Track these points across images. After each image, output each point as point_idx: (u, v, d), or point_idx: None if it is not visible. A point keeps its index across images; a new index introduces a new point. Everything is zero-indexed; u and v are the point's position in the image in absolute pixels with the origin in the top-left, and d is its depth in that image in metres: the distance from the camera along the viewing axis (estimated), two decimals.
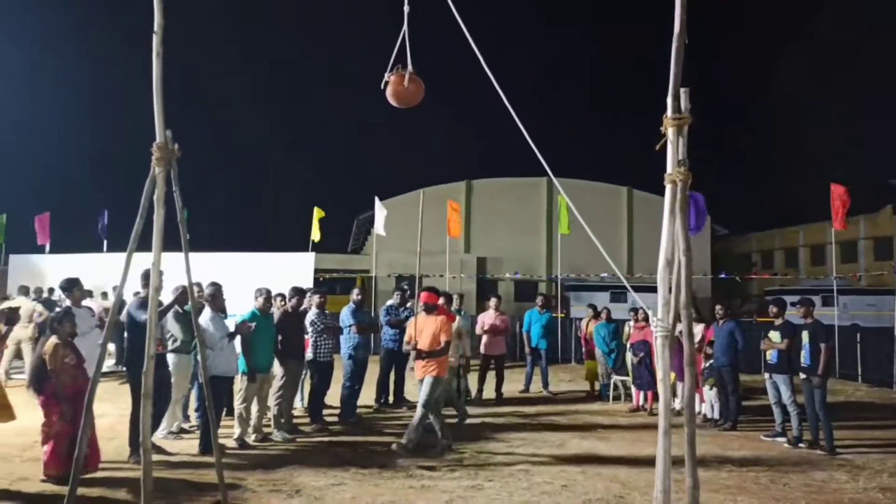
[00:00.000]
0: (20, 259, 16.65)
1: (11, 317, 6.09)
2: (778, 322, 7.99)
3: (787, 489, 5.83)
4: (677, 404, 9.34)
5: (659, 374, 3.62)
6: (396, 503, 5.18)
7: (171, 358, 6.88)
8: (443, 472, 6.04)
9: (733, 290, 32.06)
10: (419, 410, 6.62)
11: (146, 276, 6.43)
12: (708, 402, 9.01)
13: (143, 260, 4.69)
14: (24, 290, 11.87)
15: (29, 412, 6.24)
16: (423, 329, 6.82)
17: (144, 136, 4.51)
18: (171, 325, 6.91)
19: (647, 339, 9.27)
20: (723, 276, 26.37)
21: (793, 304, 8.70)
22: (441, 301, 7.72)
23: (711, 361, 8.80)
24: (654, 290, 3.95)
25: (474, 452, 6.86)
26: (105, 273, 13.67)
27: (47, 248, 17.42)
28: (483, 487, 5.61)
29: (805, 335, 7.60)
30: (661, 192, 3.83)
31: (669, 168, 3.79)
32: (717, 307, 8.84)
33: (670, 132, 3.77)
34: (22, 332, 10.78)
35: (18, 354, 10.99)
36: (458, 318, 8.82)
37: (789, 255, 43.00)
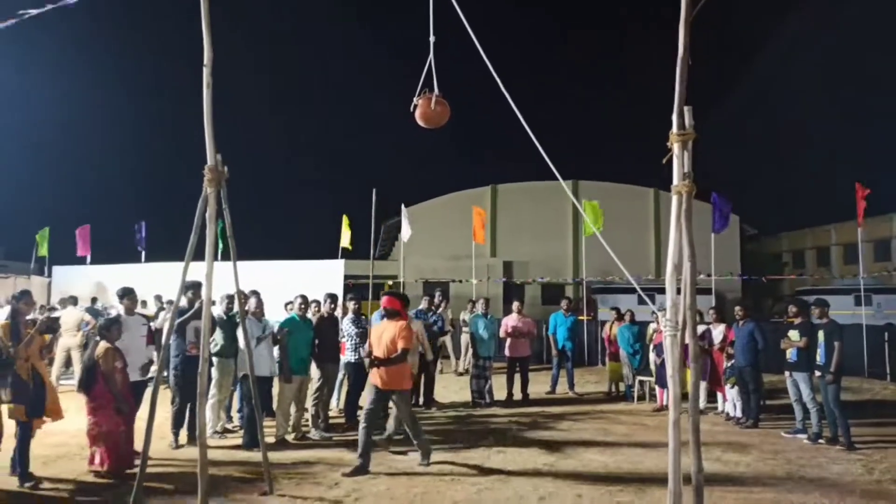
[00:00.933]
0: (63, 270, 17.44)
1: (52, 325, 6.56)
2: (797, 321, 8.22)
3: (803, 482, 6.07)
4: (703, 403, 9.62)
5: (669, 371, 3.93)
6: (428, 494, 5.55)
7: (213, 361, 7.36)
8: (472, 467, 6.40)
9: (765, 291, 31.84)
10: (409, 428, 6.46)
11: (188, 287, 6.97)
12: (730, 400, 9.22)
13: (178, 270, 5.09)
14: (72, 300, 12.48)
15: (81, 415, 6.76)
16: (381, 335, 6.43)
17: (182, 152, 4.99)
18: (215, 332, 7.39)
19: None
20: (744, 276, 26.19)
21: (811, 305, 8.88)
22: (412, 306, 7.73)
23: (733, 361, 9.02)
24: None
25: (501, 449, 7.21)
26: (143, 282, 14.31)
27: (88, 259, 18.20)
28: (509, 480, 5.96)
29: (821, 334, 7.80)
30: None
31: (676, 181, 4.12)
32: (737, 308, 9.06)
33: (676, 147, 4.09)
34: (71, 339, 11.42)
35: (68, 362, 11.63)
36: (415, 323, 8.63)
37: (821, 254, 42.45)
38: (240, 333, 7.00)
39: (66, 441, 7.19)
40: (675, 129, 4.05)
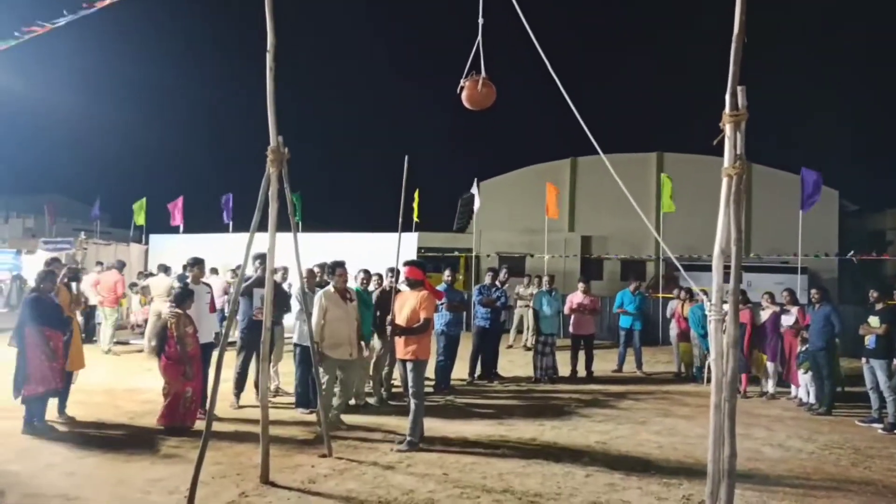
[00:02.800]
0: (159, 239, 18.65)
1: (76, 276, 7.41)
2: (879, 307, 7.82)
3: (868, 472, 5.86)
4: (770, 387, 9.33)
5: (712, 354, 3.90)
6: (478, 465, 5.73)
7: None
8: (521, 443, 6.54)
9: (864, 272, 29.97)
10: (412, 403, 6.25)
11: (257, 258, 7.41)
12: (803, 386, 8.90)
13: (263, 240, 5.40)
14: (163, 268, 13.37)
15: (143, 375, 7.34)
16: (403, 304, 6.39)
17: (264, 127, 5.25)
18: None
19: (744, 322, 9.23)
20: (827, 255, 24.41)
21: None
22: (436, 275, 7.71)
23: (808, 346, 8.68)
24: (772, 270, 4.08)
25: (556, 424, 7.30)
26: (231, 251, 15.13)
27: (181, 228, 19.36)
28: (560, 456, 6.05)
29: None
30: (785, 167, 4.02)
31: (726, 163, 4.02)
32: (813, 291, 8.69)
33: (728, 128, 3.99)
34: (162, 305, 12.27)
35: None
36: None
37: None
38: (294, 303, 7.39)
39: (153, 399, 7.84)
40: (727, 109, 3.95)
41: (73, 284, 7.37)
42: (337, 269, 7.19)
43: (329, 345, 6.89)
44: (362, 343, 7.51)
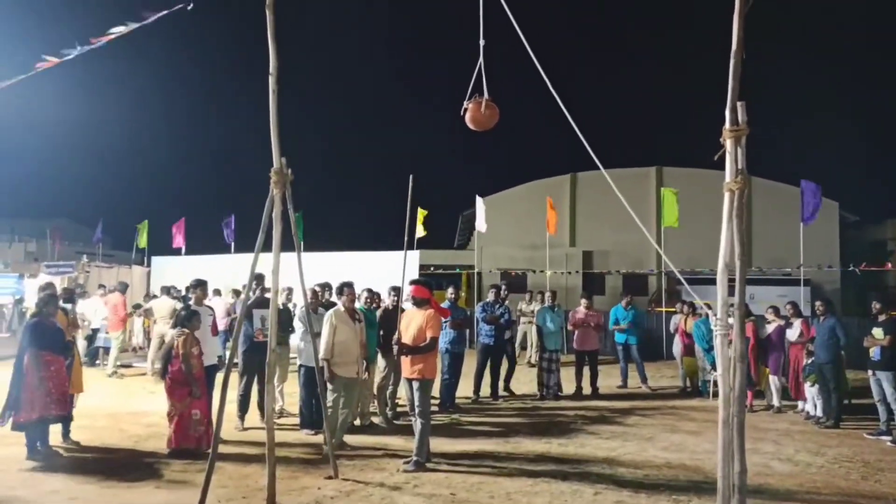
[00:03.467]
0: (161, 261, 18.67)
1: (70, 297, 7.45)
2: (882, 318, 7.82)
3: (878, 485, 5.82)
4: (776, 400, 9.30)
5: (718, 369, 3.89)
6: (485, 484, 5.69)
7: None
8: (528, 461, 6.50)
9: (867, 283, 29.89)
10: (418, 423, 6.19)
11: (254, 279, 7.42)
12: (810, 399, 8.86)
13: (266, 260, 5.40)
14: (166, 290, 13.36)
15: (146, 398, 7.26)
16: (409, 323, 6.34)
17: (267, 149, 5.28)
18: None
19: (749, 336, 9.20)
20: (831, 266, 24.36)
21: None
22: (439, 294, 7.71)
23: (813, 358, 8.65)
24: (774, 282, 4.07)
25: (563, 442, 7.26)
26: (233, 273, 15.13)
27: (183, 250, 19.38)
28: (567, 475, 6.00)
29: None
30: (785, 179, 4.04)
31: (728, 177, 4.04)
32: (818, 303, 8.68)
33: (728, 143, 4.01)
34: (164, 327, 12.21)
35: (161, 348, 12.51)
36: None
37: None
38: (298, 324, 7.41)
39: (157, 422, 7.81)
40: (727, 124, 3.98)
41: (69, 307, 7.36)
42: (345, 289, 7.25)
43: (338, 363, 6.91)
44: (366, 362, 7.50)
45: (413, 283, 6.52)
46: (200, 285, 7.62)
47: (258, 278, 7.42)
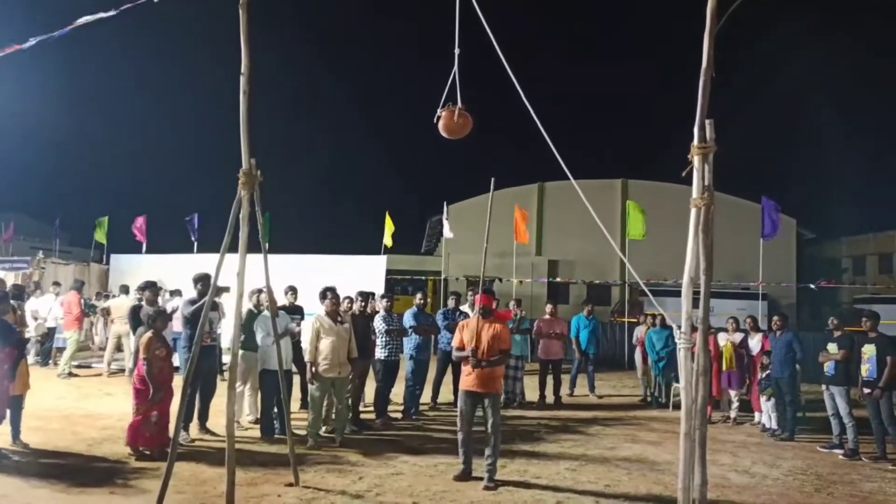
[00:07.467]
0: (120, 259, 18.17)
1: (18, 294, 7.26)
2: (837, 334, 8.04)
3: (830, 497, 5.97)
4: (733, 412, 9.48)
5: (681, 382, 3.95)
6: (448, 493, 5.68)
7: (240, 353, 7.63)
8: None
9: (821, 298, 30.74)
10: (494, 437, 6.05)
11: (199, 280, 7.28)
12: (765, 412, 9.05)
13: (233, 261, 5.29)
14: (124, 289, 13.04)
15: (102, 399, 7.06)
16: (479, 334, 6.10)
17: (234, 147, 5.19)
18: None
19: (710, 349, 9.36)
20: (785, 285, 25.07)
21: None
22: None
23: (769, 371, 8.84)
24: (733, 296, 4.13)
25: (526, 451, 7.28)
26: (195, 272, 14.80)
27: (144, 248, 18.92)
28: (530, 484, 6.03)
29: (872, 348, 7.59)
30: (747, 196, 4.11)
31: (695, 193, 4.10)
32: (775, 318, 8.88)
33: (696, 160, 4.08)
34: (122, 327, 11.89)
35: (119, 348, 12.19)
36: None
37: (884, 260, 40.68)
38: (259, 327, 7.31)
39: (113, 424, 7.61)
40: (696, 141, 4.04)
41: (16, 304, 7.13)
42: (328, 293, 7.44)
43: (323, 366, 7.20)
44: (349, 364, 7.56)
45: (484, 292, 6.36)
46: (149, 287, 7.45)
47: (202, 279, 7.27)
